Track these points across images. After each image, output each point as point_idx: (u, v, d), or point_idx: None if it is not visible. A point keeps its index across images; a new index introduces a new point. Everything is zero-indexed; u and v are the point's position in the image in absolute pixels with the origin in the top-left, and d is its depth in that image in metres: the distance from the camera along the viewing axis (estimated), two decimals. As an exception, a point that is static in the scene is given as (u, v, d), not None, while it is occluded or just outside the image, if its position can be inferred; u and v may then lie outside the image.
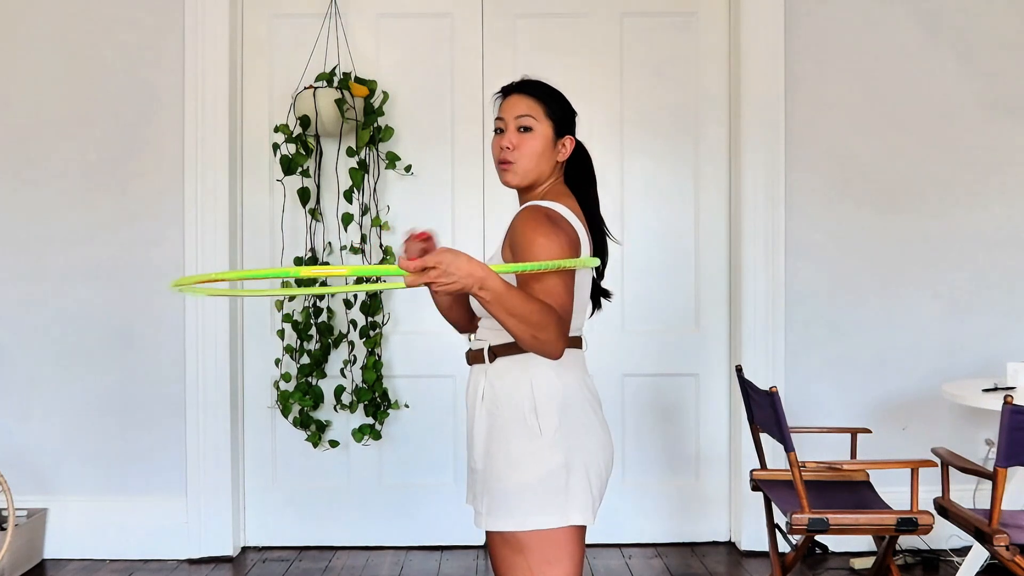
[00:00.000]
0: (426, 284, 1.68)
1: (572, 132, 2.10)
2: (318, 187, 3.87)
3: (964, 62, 3.89)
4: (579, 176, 2.13)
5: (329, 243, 3.91)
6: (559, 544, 1.93)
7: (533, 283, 1.85)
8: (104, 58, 3.85)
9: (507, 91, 2.10)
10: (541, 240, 1.90)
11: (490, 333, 2.02)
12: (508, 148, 2.04)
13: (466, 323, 2.19)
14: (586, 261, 1.91)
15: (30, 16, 3.85)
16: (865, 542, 3.72)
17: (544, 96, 2.07)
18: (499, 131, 2.08)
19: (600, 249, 2.10)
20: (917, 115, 3.90)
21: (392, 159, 3.86)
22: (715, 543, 3.99)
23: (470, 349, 2.09)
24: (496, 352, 2.00)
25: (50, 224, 3.85)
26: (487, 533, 2.00)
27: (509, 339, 1.96)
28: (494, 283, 1.73)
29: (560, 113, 2.07)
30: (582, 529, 1.96)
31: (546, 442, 1.93)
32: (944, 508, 2.87)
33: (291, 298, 3.84)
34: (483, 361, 2.02)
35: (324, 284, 3.82)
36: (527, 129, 2.04)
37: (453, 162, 3.95)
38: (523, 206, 2.04)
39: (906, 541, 3.74)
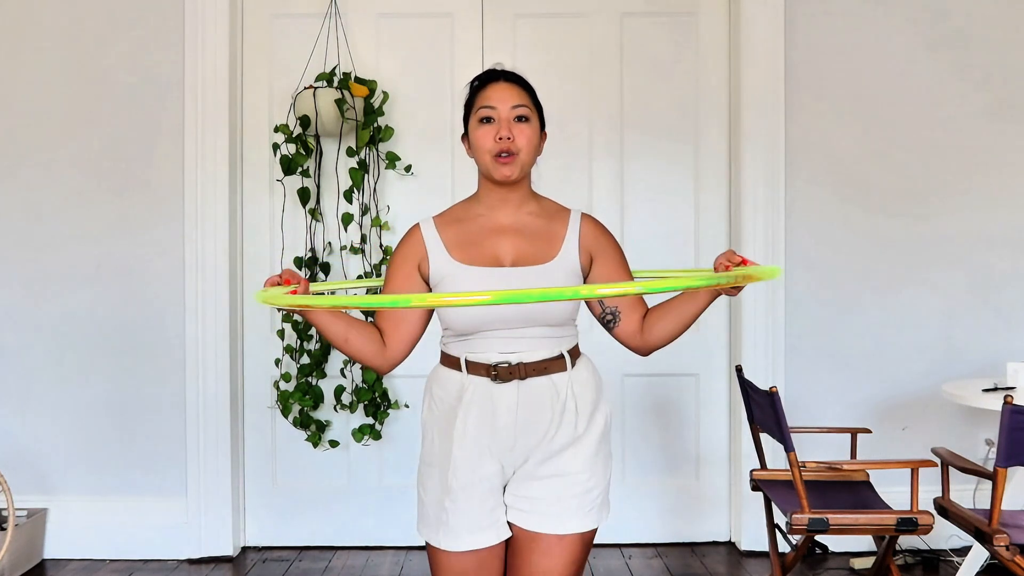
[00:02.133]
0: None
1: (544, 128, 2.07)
2: (318, 187, 3.87)
3: (964, 62, 3.89)
4: None
5: (329, 243, 3.91)
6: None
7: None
8: (104, 58, 3.85)
9: (492, 78, 2.02)
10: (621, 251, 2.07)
11: (550, 341, 1.95)
12: (510, 137, 1.94)
13: (376, 349, 2.00)
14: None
15: (30, 15, 3.85)
16: (865, 542, 3.72)
17: (530, 88, 2.03)
18: (487, 120, 1.97)
19: None
20: (917, 115, 3.90)
21: (392, 159, 3.86)
22: (715, 543, 3.99)
23: (515, 364, 1.93)
24: (573, 355, 2.00)
25: (50, 224, 3.85)
26: (555, 540, 1.91)
27: (574, 343, 2.01)
28: None
29: (540, 106, 2.06)
30: None
31: (609, 437, 2.05)
32: (944, 508, 2.87)
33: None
34: (563, 368, 1.95)
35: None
36: (524, 119, 1.97)
37: (453, 162, 3.95)
38: (580, 213, 2.05)
39: (906, 541, 3.74)
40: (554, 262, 1.95)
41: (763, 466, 3.27)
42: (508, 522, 1.98)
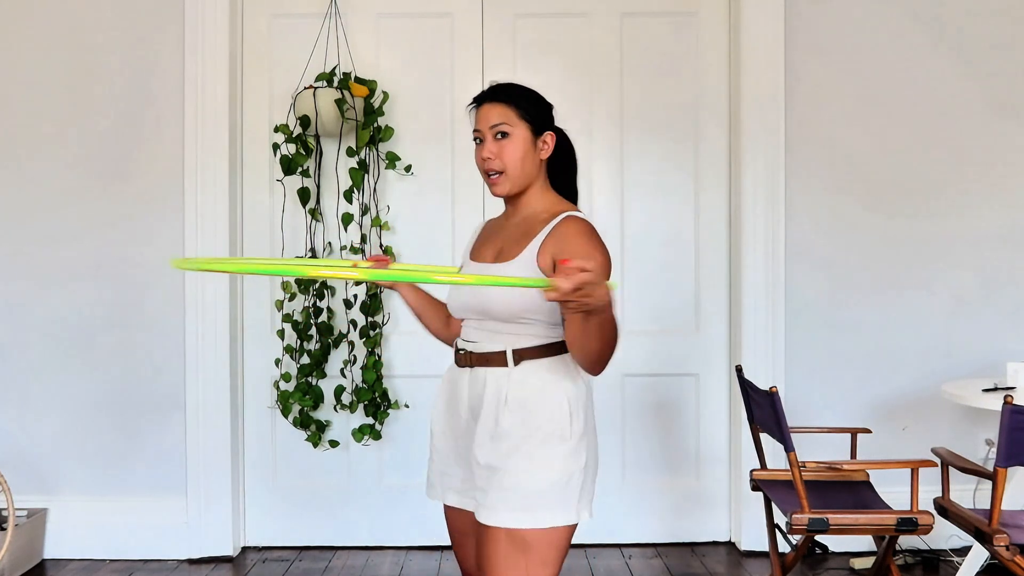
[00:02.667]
0: (566, 301, 1.66)
1: (551, 127, 2.11)
2: (318, 187, 3.87)
3: (964, 62, 3.89)
4: (561, 165, 2.16)
5: (329, 243, 3.91)
6: (559, 544, 1.97)
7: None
8: (104, 57, 3.85)
9: (479, 101, 2.10)
10: (601, 258, 1.95)
11: (502, 336, 2.01)
12: (490, 158, 2.04)
13: (441, 325, 2.30)
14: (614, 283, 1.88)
15: (30, 14, 3.85)
16: (865, 542, 3.72)
17: (515, 99, 2.07)
18: (479, 141, 2.09)
19: None
20: (917, 115, 3.90)
21: (392, 159, 3.86)
22: (715, 543, 3.99)
23: (468, 352, 2.07)
24: (522, 355, 2.00)
25: (50, 223, 3.85)
26: (485, 529, 1.97)
27: (532, 343, 2.00)
28: (612, 308, 1.77)
29: (534, 111, 2.08)
30: (575, 527, 2.01)
31: (573, 445, 1.98)
32: (944, 508, 2.87)
33: (291, 297, 3.83)
34: (504, 364, 2.01)
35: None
36: (504, 135, 2.04)
37: (453, 162, 3.95)
38: (566, 215, 2.02)
39: (906, 541, 3.74)
40: (513, 261, 2.02)
41: (763, 466, 3.27)
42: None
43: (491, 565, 1.95)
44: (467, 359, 2.07)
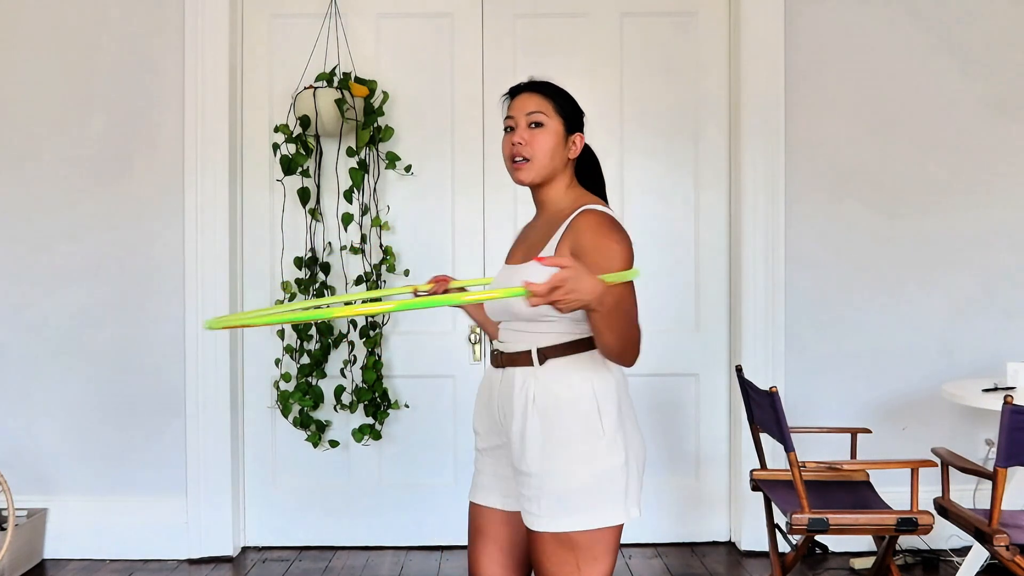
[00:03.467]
0: (552, 303, 1.66)
1: (581, 130, 2.13)
2: (318, 187, 3.87)
3: (964, 63, 3.89)
4: (590, 177, 2.19)
5: (329, 243, 3.91)
6: (608, 541, 1.96)
7: (613, 291, 1.80)
8: (104, 57, 3.85)
9: (515, 91, 2.12)
10: (616, 247, 1.93)
11: (527, 336, 2.01)
12: (520, 144, 2.04)
13: (492, 332, 2.25)
14: (635, 272, 1.89)
15: (30, 13, 3.85)
16: (865, 542, 3.72)
17: (553, 93, 2.09)
18: (509, 129, 2.08)
19: None
20: (917, 116, 3.90)
21: (392, 159, 3.86)
22: (715, 543, 3.99)
23: (500, 352, 2.07)
24: (547, 354, 1.99)
25: (50, 223, 3.85)
26: (533, 534, 1.96)
27: (556, 341, 1.99)
28: (608, 297, 1.74)
29: (569, 110, 2.10)
30: (623, 525, 1.99)
31: (608, 441, 1.95)
32: (944, 508, 2.87)
33: (291, 297, 3.83)
34: (529, 363, 2.00)
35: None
36: (538, 125, 2.05)
37: (453, 162, 3.95)
38: (583, 209, 2.01)
39: (906, 541, 3.74)
40: (534, 260, 1.98)
41: (763, 466, 3.27)
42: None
43: (543, 570, 1.96)
44: (499, 360, 2.08)
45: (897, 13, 3.88)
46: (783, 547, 3.65)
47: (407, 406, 3.95)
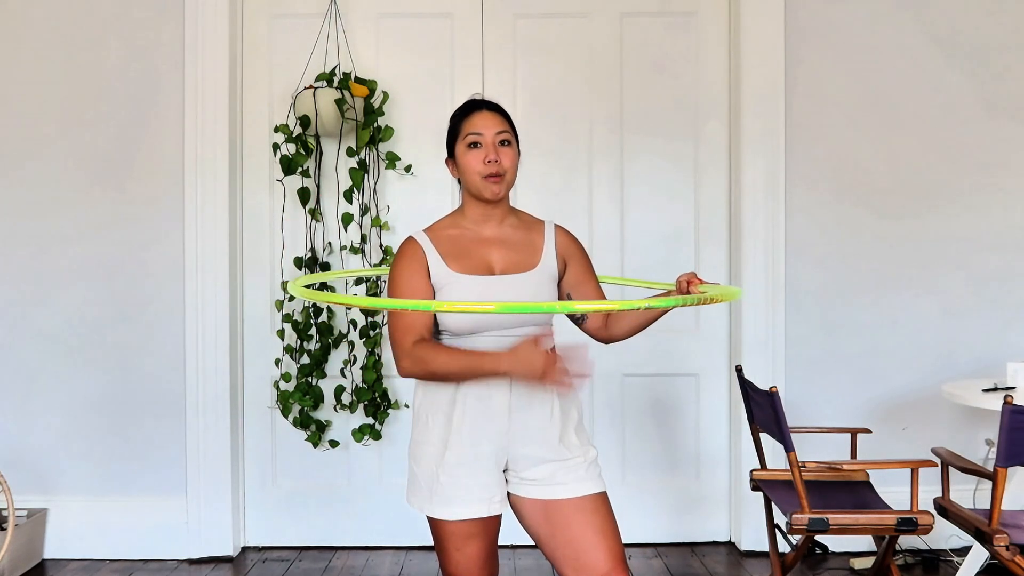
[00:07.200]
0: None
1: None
2: (318, 187, 3.87)
3: (964, 63, 3.89)
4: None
5: (329, 243, 3.91)
6: None
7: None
8: (104, 57, 3.85)
9: (474, 107, 2.24)
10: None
11: (546, 339, 2.15)
12: (495, 160, 2.18)
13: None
14: (738, 292, 2.20)
15: (30, 14, 3.85)
16: (865, 542, 3.72)
17: (508, 117, 2.26)
18: (475, 144, 2.20)
19: None
20: (917, 115, 3.90)
21: (392, 159, 3.86)
22: (715, 543, 3.99)
23: None
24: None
25: (50, 223, 3.85)
26: (586, 499, 2.16)
27: (553, 340, 2.22)
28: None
29: (516, 132, 2.28)
30: None
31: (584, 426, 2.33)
32: (944, 508, 2.87)
33: (291, 297, 3.83)
34: None
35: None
36: (507, 143, 2.22)
37: (453, 162, 3.95)
38: (553, 223, 2.33)
39: (906, 541, 3.74)
40: (537, 269, 2.23)
41: (763, 466, 3.27)
42: (536, 498, 2.18)
43: (609, 525, 2.16)
44: None
45: (897, 12, 3.88)
46: (783, 547, 3.65)
47: (407, 406, 3.95)
